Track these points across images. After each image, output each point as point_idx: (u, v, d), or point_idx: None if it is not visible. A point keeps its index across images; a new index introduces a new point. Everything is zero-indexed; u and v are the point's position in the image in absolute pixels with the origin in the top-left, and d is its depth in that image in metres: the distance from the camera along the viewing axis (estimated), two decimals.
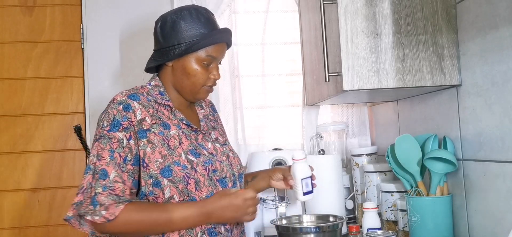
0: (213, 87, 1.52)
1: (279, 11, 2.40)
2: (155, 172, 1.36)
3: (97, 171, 1.32)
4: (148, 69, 1.54)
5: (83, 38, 2.34)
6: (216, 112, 1.71)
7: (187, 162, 1.39)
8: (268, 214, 1.85)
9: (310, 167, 1.58)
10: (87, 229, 1.33)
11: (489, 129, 1.38)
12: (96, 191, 1.30)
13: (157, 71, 1.54)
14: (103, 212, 1.28)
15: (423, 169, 1.58)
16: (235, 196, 1.38)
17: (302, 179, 1.53)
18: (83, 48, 2.34)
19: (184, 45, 1.43)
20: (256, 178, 1.67)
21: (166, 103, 1.46)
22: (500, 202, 1.34)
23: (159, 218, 1.33)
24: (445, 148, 1.53)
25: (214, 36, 1.45)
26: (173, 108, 1.47)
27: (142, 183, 1.37)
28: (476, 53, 1.43)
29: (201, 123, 1.54)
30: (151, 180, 1.37)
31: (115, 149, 1.34)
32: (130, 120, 1.37)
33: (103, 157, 1.33)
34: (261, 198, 1.81)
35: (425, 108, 1.72)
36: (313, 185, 1.54)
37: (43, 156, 2.30)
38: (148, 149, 1.37)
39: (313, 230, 1.50)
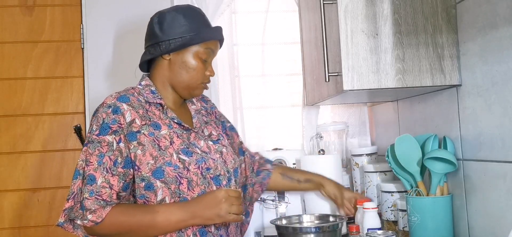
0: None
1: (279, 11, 2.40)
2: (147, 175, 1.37)
3: (85, 176, 1.34)
4: (141, 66, 1.55)
5: (83, 38, 2.34)
6: (209, 102, 1.70)
7: (179, 161, 1.39)
8: (268, 214, 1.85)
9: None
10: (81, 233, 1.35)
11: (489, 129, 1.38)
12: (84, 196, 1.32)
13: (149, 68, 1.54)
14: (90, 216, 1.31)
15: (423, 169, 1.58)
16: (217, 192, 1.38)
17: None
18: (83, 48, 2.34)
19: (186, 37, 1.45)
20: (310, 182, 1.73)
21: (157, 102, 1.46)
22: (500, 202, 1.34)
23: (143, 219, 1.34)
24: (445, 148, 1.53)
25: (213, 32, 1.51)
26: (165, 107, 1.47)
27: (135, 186, 1.38)
28: (476, 53, 1.43)
29: (193, 120, 1.53)
30: (144, 183, 1.37)
31: (105, 152, 1.35)
32: (119, 122, 1.37)
33: (91, 162, 1.34)
34: (261, 198, 1.81)
35: (425, 108, 1.72)
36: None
37: (43, 156, 2.30)
38: (139, 152, 1.37)
39: (313, 230, 1.50)
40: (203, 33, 1.47)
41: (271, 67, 2.39)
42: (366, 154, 2.01)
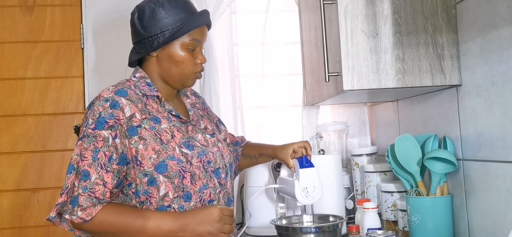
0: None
1: (279, 11, 2.40)
2: (150, 169, 1.34)
3: (80, 171, 1.30)
4: (131, 63, 1.52)
5: (83, 38, 2.34)
6: (200, 97, 1.70)
7: (182, 155, 1.37)
8: (268, 214, 1.84)
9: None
10: (66, 226, 1.32)
11: (489, 129, 1.38)
12: (78, 191, 1.29)
13: (138, 64, 1.51)
14: (80, 213, 1.27)
15: (423, 169, 1.58)
16: (212, 209, 1.36)
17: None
18: (83, 48, 2.34)
19: (168, 32, 1.41)
20: (263, 156, 1.70)
21: (154, 94, 1.44)
22: (500, 202, 1.34)
23: (133, 223, 1.31)
24: (445, 148, 1.53)
25: (197, 20, 1.44)
26: (162, 99, 1.45)
27: (137, 181, 1.35)
28: (476, 53, 1.43)
29: (189, 113, 1.53)
30: (146, 178, 1.35)
31: (100, 148, 1.31)
32: (117, 118, 1.33)
33: (86, 157, 1.31)
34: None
35: (425, 108, 1.72)
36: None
37: (43, 156, 2.30)
38: (140, 146, 1.34)
39: (313, 230, 1.50)
40: (186, 24, 1.41)
41: (271, 67, 2.39)
42: (366, 154, 2.01)
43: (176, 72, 1.45)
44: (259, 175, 1.93)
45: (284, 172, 1.69)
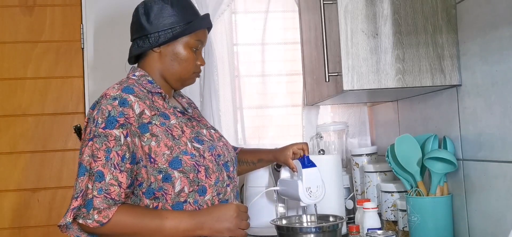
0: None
1: (279, 11, 2.40)
2: (164, 166, 1.33)
3: (93, 172, 1.27)
4: (129, 58, 1.52)
5: (83, 38, 2.34)
6: (191, 100, 1.72)
7: (194, 150, 1.37)
8: (268, 214, 1.84)
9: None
10: (73, 233, 1.28)
11: (489, 129, 1.38)
12: (93, 193, 1.25)
13: (136, 62, 1.51)
14: (96, 216, 1.24)
15: (423, 169, 1.58)
16: (229, 207, 1.37)
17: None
18: (83, 48, 2.34)
19: (179, 27, 1.43)
20: (262, 161, 1.70)
21: (158, 91, 1.43)
22: (500, 202, 1.34)
23: (150, 223, 1.29)
24: (445, 148, 1.53)
25: (203, 21, 1.49)
26: (166, 96, 1.45)
27: (152, 179, 1.33)
28: (476, 53, 1.43)
29: (189, 111, 1.53)
30: (161, 175, 1.33)
31: (112, 147, 1.28)
32: (127, 116, 1.31)
33: (99, 158, 1.28)
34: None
35: (425, 108, 1.72)
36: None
37: (43, 156, 2.30)
38: (153, 143, 1.33)
39: (313, 230, 1.50)
40: (194, 24, 1.45)
41: (271, 67, 2.39)
42: (366, 154, 2.01)
43: (178, 70, 1.46)
44: (260, 175, 1.93)
45: (284, 174, 1.69)
